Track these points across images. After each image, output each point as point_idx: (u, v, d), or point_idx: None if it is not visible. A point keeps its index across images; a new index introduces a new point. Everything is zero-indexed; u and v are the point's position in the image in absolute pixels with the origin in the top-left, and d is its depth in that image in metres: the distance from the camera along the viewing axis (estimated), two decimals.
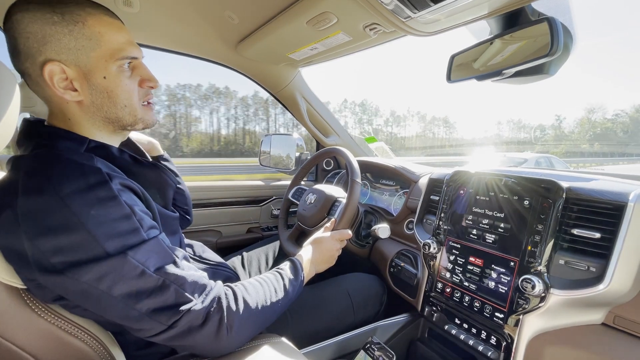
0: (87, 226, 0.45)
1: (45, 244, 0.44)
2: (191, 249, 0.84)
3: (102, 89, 0.55)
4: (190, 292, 0.51)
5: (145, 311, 0.48)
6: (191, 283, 0.52)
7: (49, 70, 0.51)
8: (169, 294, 0.49)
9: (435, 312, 0.92)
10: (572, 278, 0.67)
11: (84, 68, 0.53)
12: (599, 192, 0.68)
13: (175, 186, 0.70)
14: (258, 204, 1.60)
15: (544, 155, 5.71)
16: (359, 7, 0.78)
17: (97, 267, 0.45)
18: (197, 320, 0.51)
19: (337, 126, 1.66)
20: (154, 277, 0.48)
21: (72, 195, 0.45)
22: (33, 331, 0.50)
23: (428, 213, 1.06)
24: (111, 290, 0.46)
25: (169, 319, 0.49)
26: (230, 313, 0.54)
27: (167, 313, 0.49)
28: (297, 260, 0.75)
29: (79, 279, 0.45)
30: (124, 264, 0.46)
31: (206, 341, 0.52)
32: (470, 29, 0.86)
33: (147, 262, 0.48)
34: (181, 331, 0.50)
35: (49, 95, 0.55)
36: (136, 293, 0.47)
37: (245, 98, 34.34)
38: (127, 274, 0.46)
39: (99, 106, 0.56)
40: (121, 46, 0.56)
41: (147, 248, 0.49)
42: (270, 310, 0.61)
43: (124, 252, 0.46)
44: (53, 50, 0.51)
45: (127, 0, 0.97)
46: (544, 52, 0.66)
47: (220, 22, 1.09)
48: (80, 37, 0.52)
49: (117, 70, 0.56)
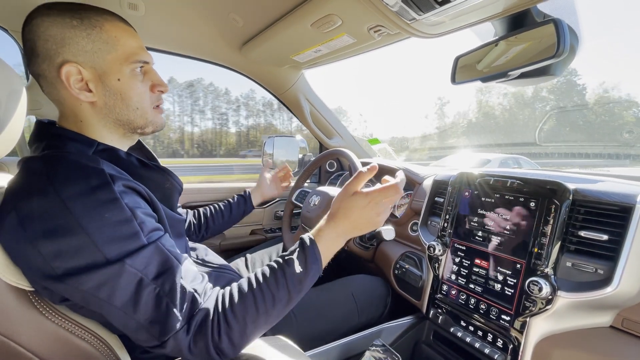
0: (87, 230, 0.44)
1: (46, 247, 0.44)
2: (194, 253, 0.85)
3: (115, 91, 0.57)
4: (179, 309, 0.48)
5: (144, 321, 0.47)
6: (182, 299, 0.49)
7: (66, 71, 0.53)
8: (161, 307, 0.47)
9: (441, 315, 0.91)
10: (580, 280, 0.67)
11: (99, 70, 0.55)
12: (606, 194, 0.68)
13: (181, 190, 0.70)
14: (261, 206, 1.60)
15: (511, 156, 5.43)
16: (364, 9, 0.78)
17: (96, 275, 0.45)
18: (184, 345, 0.49)
19: (340, 128, 1.66)
20: (151, 287, 0.47)
21: (73, 197, 0.45)
22: (40, 333, 0.50)
23: (432, 215, 1.05)
24: (110, 299, 0.46)
25: (160, 336, 0.48)
26: (217, 337, 0.50)
27: (159, 328, 0.48)
28: (310, 244, 0.58)
29: (79, 287, 0.45)
30: (122, 272, 0.46)
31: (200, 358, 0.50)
32: (475, 31, 0.86)
33: (146, 270, 0.47)
34: (173, 351, 0.49)
35: (63, 97, 0.56)
36: (134, 302, 0.47)
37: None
38: (125, 282, 0.46)
39: (111, 108, 0.58)
40: (135, 50, 0.58)
41: (146, 254, 0.48)
42: (266, 320, 0.53)
43: (122, 260, 0.46)
44: (71, 52, 0.53)
45: (133, 4, 0.98)
46: (550, 53, 0.66)
47: (224, 25, 1.09)
48: (98, 41, 0.55)
49: (130, 74, 0.58)
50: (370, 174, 0.62)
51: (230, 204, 1.15)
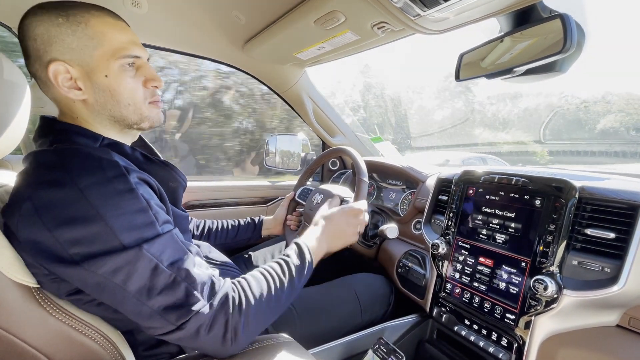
0: (105, 218, 0.46)
1: (63, 234, 0.45)
2: (198, 250, 0.85)
3: (104, 88, 0.56)
4: (199, 291, 0.51)
5: (157, 308, 0.48)
6: (201, 282, 0.51)
7: (54, 70, 0.53)
8: (179, 291, 0.49)
9: (444, 313, 0.91)
10: (586, 279, 0.66)
11: (86, 67, 0.55)
12: (613, 192, 0.67)
13: (185, 185, 0.70)
14: (264, 204, 1.60)
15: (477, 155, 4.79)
16: (368, 5, 0.78)
17: (112, 259, 0.46)
18: (205, 323, 0.50)
19: (343, 126, 1.66)
20: (166, 273, 0.48)
21: (90, 187, 0.46)
22: (44, 329, 0.51)
23: (436, 213, 1.05)
24: (125, 284, 0.47)
25: (178, 319, 0.49)
26: (238, 316, 0.53)
27: (177, 312, 0.49)
28: (304, 243, 0.69)
29: (96, 272, 0.46)
30: (139, 258, 0.47)
31: (214, 343, 0.52)
32: (480, 27, 0.85)
33: (162, 256, 0.49)
34: (189, 333, 0.50)
35: (56, 96, 0.57)
36: (149, 289, 0.47)
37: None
38: (141, 267, 0.47)
39: (103, 105, 0.57)
40: (123, 45, 0.57)
41: (161, 242, 0.49)
42: (277, 305, 0.59)
43: (139, 245, 0.47)
44: (57, 50, 0.53)
45: (135, 2, 0.98)
46: (556, 49, 0.65)
47: (227, 23, 1.09)
48: (83, 37, 0.54)
49: (119, 69, 0.57)
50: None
51: (238, 226, 1.10)
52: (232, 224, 1.10)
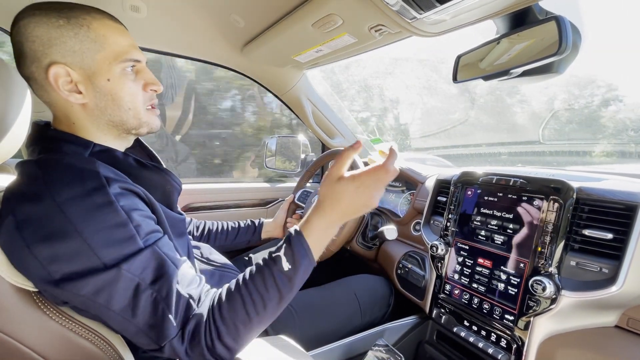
0: (83, 234, 0.45)
1: (42, 251, 0.44)
2: (199, 251, 0.85)
3: (106, 92, 0.55)
4: (174, 316, 0.48)
5: (142, 326, 0.48)
6: (177, 305, 0.49)
7: (54, 73, 0.52)
8: (158, 314, 0.48)
9: (444, 314, 0.91)
10: (584, 279, 0.66)
11: (88, 70, 0.54)
12: (611, 192, 0.67)
13: (180, 189, 0.70)
14: (264, 206, 1.60)
15: (419, 157, 4.26)
16: (365, 8, 0.78)
17: (92, 280, 0.45)
18: (180, 352, 0.49)
19: (342, 128, 1.66)
20: (148, 292, 0.47)
21: (68, 201, 0.45)
22: (44, 333, 0.51)
23: (435, 214, 1.05)
24: (109, 304, 0.46)
25: (158, 340, 0.48)
26: (212, 343, 0.50)
27: (156, 333, 0.48)
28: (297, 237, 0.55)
29: (77, 293, 0.46)
30: (119, 278, 0.46)
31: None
32: (477, 29, 0.85)
33: (143, 274, 0.48)
34: (170, 355, 0.50)
35: (54, 99, 0.55)
36: (132, 307, 0.47)
37: None
38: (122, 288, 0.46)
39: (103, 109, 0.56)
40: (124, 49, 0.56)
41: (143, 258, 0.48)
42: (262, 320, 0.53)
43: (118, 266, 0.46)
44: (58, 52, 0.52)
45: (135, 6, 0.99)
46: (552, 50, 0.65)
47: (226, 26, 1.10)
48: (85, 40, 0.53)
49: (120, 73, 0.56)
50: (354, 152, 0.57)
51: (238, 228, 1.09)
52: (232, 225, 1.09)
